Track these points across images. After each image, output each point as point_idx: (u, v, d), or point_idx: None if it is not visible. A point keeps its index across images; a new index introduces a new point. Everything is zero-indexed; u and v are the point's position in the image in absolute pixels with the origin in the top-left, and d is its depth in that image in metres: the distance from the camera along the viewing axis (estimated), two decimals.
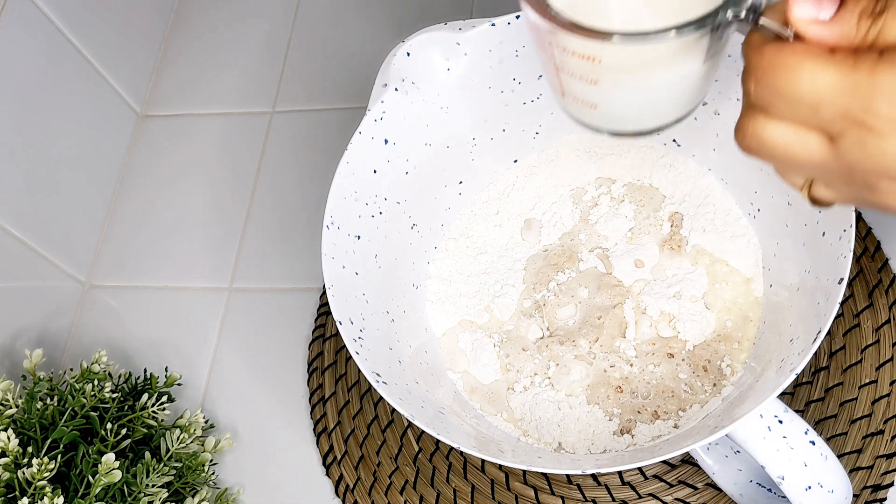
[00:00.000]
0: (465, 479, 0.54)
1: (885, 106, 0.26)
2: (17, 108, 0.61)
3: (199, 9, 0.78)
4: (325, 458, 0.57)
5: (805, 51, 0.28)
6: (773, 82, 0.29)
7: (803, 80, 0.28)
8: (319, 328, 0.61)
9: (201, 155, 0.71)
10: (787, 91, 0.28)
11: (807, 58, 0.28)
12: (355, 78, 0.70)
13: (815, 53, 0.28)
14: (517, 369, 0.50)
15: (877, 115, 0.27)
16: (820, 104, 0.28)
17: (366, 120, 0.48)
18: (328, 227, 0.47)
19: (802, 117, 0.29)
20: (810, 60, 0.28)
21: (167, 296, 0.66)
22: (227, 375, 0.62)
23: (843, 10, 0.28)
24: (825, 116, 0.28)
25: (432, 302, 0.53)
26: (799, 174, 0.32)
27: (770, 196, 0.49)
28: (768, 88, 0.29)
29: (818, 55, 0.28)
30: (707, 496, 0.51)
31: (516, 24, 0.48)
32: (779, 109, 0.29)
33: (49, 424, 0.51)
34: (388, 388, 0.42)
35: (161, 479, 0.51)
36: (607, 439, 0.47)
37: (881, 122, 0.27)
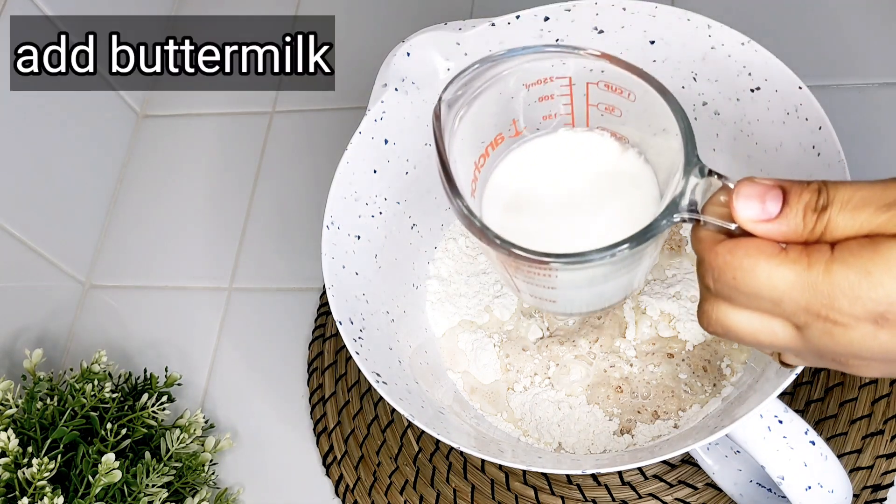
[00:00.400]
0: (465, 479, 0.54)
1: (846, 303, 0.27)
2: (16, 107, 0.61)
3: (198, 8, 0.78)
4: (325, 458, 0.57)
5: (758, 250, 0.28)
6: (730, 281, 0.29)
7: (760, 279, 0.28)
8: (319, 328, 0.61)
9: (201, 155, 0.71)
10: (746, 290, 0.29)
11: (761, 258, 0.28)
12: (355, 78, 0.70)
13: (769, 253, 0.28)
14: (517, 369, 0.50)
15: (840, 312, 0.27)
16: (781, 300, 0.28)
17: (366, 120, 0.48)
18: (328, 227, 0.46)
19: (765, 309, 0.29)
20: (765, 261, 0.28)
21: (167, 296, 0.66)
22: (227, 375, 0.62)
23: (787, 206, 0.28)
24: (788, 310, 0.28)
25: (432, 302, 0.53)
26: (767, 350, 0.33)
27: None
28: (727, 286, 0.29)
29: (772, 255, 0.28)
30: (707, 496, 0.51)
31: (516, 23, 0.48)
32: (740, 302, 0.29)
33: (49, 424, 0.51)
34: (388, 388, 0.42)
35: (161, 479, 0.51)
36: (607, 439, 0.47)
37: (845, 318, 0.27)
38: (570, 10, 0.47)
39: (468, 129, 0.39)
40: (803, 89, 0.44)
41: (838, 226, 0.27)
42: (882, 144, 0.58)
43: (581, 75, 0.40)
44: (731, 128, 0.49)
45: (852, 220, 0.27)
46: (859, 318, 0.27)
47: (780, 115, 0.45)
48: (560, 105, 0.41)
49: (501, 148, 0.42)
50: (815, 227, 0.28)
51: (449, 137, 0.37)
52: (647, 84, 0.35)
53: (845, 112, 0.58)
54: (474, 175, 0.41)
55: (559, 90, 0.40)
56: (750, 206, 0.29)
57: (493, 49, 0.49)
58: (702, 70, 0.47)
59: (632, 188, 0.40)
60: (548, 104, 0.41)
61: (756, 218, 0.29)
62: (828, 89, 0.60)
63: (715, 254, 0.29)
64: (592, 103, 0.40)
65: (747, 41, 0.45)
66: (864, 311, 0.27)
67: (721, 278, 0.29)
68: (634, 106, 0.37)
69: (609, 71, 0.37)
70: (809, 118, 0.44)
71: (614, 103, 0.40)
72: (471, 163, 0.41)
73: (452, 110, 0.37)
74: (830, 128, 0.43)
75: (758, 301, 0.29)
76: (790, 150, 0.46)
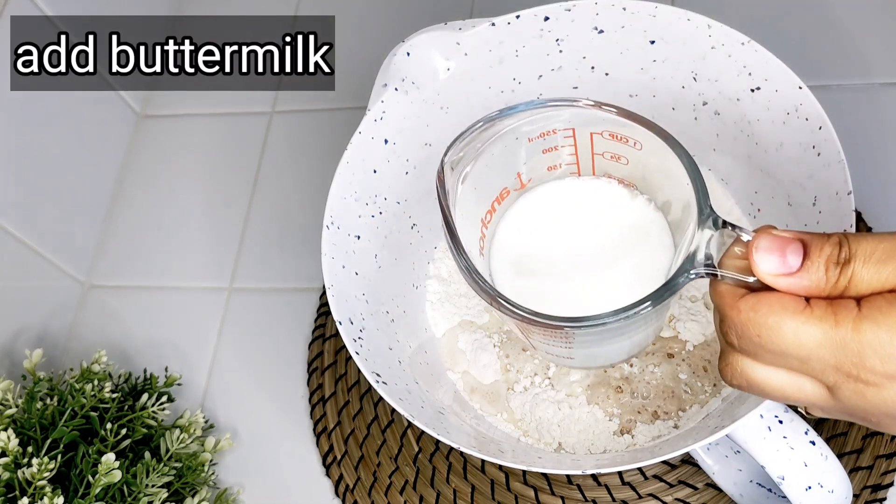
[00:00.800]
0: (465, 480, 0.54)
1: (877, 362, 0.26)
2: (16, 107, 0.61)
3: (198, 7, 0.78)
4: (325, 458, 0.57)
5: (782, 307, 0.27)
6: (755, 339, 0.28)
7: (787, 338, 0.27)
8: (319, 328, 0.61)
9: (201, 155, 0.71)
10: (773, 348, 0.28)
11: (786, 315, 0.27)
12: (355, 78, 0.70)
13: (794, 309, 0.27)
14: (517, 369, 0.50)
15: (871, 371, 0.26)
16: (809, 359, 0.27)
17: (366, 120, 0.48)
18: (328, 227, 0.46)
19: (793, 367, 0.28)
20: (790, 318, 0.27)
21: (167, 296, 0.66)
22: (227, 375, 0.62)
23: (809, 260, 0.27)
24: (816, 368, 0.27)
25: (432, 302, 0.53)
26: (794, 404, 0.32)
27: (770, 196, 0.49)
28: (752, 343, 0.28)
29: (797, 311, 0.27)
30: (707, 496, 0.51)
31: (516, 23, 0.48)
32: (766, 359, 0.29)
33: (49, 424, 0.51)
34: (387, 389, 0.42)
35: (161, 479, 0.51)
36: (607, 439, 0.47)
37: (877, 377, 0.26)
38: (570, 10, 0.47)
39: (472, 188, 0.38)
40: (803, 89, 0.44)
41: (862, 280, 0.27)
42: (882, 144, 0.58)
43: (584, 126, 0.39)
44: (731, 128, 0.49)
45: (877, 274, 0.26)
46: (892, 378, 0.26)
47: (780, 115, 0.45)
48: (565, 155, 0.41)
49: (508, 201, 0.42)
50: (839, 281, 0.27)
51: (453, 199, 0.37)
52: (653, 133, 0.35)
53: (845, 112, 0.58)
54: (482, 232, 0.41)
55: (563, 141, 0.40)
56: (769, 260, 0.28)
57: (492, 49, 0.49)
58: (702, 70, 0.47)
59: (644, 240, 0.39)
60: (552, 155, 0.41)
61: (776, 272, 0.28)
62: (828, 89, 0.60)
63: (737, 310, 0.28)
64: (597, 152, 0.40)
65: (747, 41, 0.45)
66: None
67: (745, 335, 0.28)
68: (641, 154, 0.37)
69: (612, 120, 0.36)
70: (809, 118, 0.44)
71: (620, 152, 0.39)
72: (477, 220, 0.41)
73: (455, 171, 0.37)
74: (830, 128, 0.43)
75: (784, 359, 0.28)
76: (790, 150, 0.46)
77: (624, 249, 0.39)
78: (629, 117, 0.35)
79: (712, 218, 0.31)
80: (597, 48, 0.48)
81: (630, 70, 0.49)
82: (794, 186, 0.46)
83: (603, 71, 0.49)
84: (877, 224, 0.55)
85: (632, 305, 0.32)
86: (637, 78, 0.50)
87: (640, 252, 0.39)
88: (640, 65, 0.49)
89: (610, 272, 0.39)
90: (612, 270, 0.39)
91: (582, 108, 0.36)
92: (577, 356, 0.40)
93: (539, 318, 0.33)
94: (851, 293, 0.27)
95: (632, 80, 0.50)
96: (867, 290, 0.27)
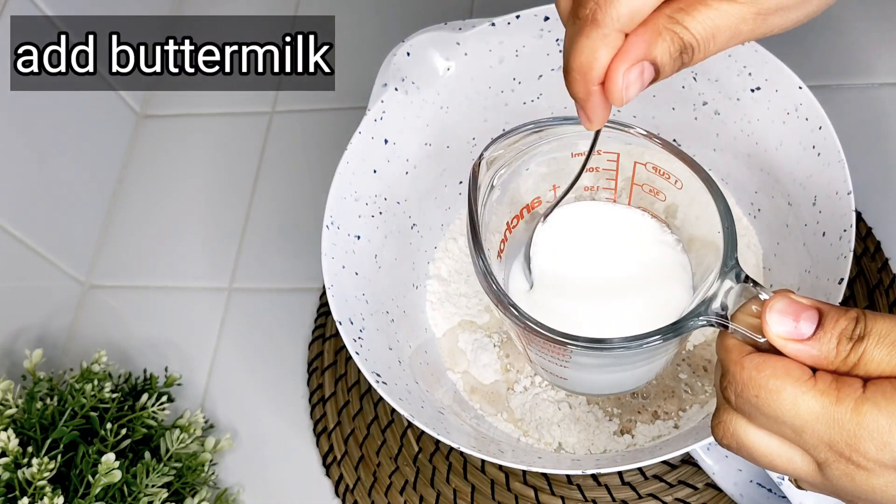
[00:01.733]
0: (465, 480, 0.54)
1: (872, 448, 0.25)
2: (16, 107, 0.61)
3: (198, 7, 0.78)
4: (325, 459, 0.57)
5: (786, 373, 0.27)
6: (752, 399, 0.27)
7: (785, 404, 0.27)
8: (319, 328, 0.61)
9: (201, 155, 0.71)
10: (768, 412, 0.27)
11: (788, 382, 0.27)
12: (355, 78, 0.70)
13: (797, 378, 0.27)
14: (517, 370, 0.50)
15: (864, 455, 0.26)
16: (803, 431, 0.27)
17: (366, 120, 0.48)
18: (328, 227, 0.47)
19: (786, 435, 0.28)
20: (792, 385, 0.27)
21: (167, 296, 0.66)
22: (227, 375, 0.62)
23: (822, 330, 0.27)
24: (809, 442, 0.27)
25: (432, 302, 0.53)
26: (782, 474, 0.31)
27: (770, 196, 0.49)
28: (748, 404, 0.28)
29: (799, 380, 0.27)
30: (707, 496, 0.51)
31: (516, 23, 0.48)
32: (760, 422, 0.28)
33: (49, 424, 0.51)
34: (387, 389, 0.42)
35: (161, 479, 0.51)
36: (607, 439, 0.47)
37: (869, 463, 0.26)
38: None
39: (505, 190, 0.38)
40: (803, 89, 0.44)
41: (873, 360, 0.26)
42: (882, 144, 0.58)
43: (630, 154, 0.38)
44: (731, 127, 0.49)
45: (889, 356, 0.26)
46: (885, 465, 0.26)
47: (780, 115, 0.45)
48: (604, 179, 0.40)
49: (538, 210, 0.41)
50: (849, 357, 0.26)
51: (483, 196, 0.36)
52: (696, 175, 0.34)
53: (845, 112, 0.58)
54: (505, 236, 0.41)
55: (605, 164, 0.39)
56: (783, 323, 0.27)
57: (492, 49, 0.49)
58: (702, 70, 0.47)
59: (665, 278, 0.39)
60: (592, 176, 0.40)
61: (787, 336, 0.27)
62: (828, 89, 0.60)
63: (741, 367, 0.28)
64: (637, 182, 0.40)
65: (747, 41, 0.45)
66: (892, 458, 0.25)
67: (743, 394, 0.28)
68: (681, 193, 0.36)
69: (659, 154, 0.36)
70: (809, 118, 0.44)
71: (660, 187, 0.39)
72: (503, 223, 0.40)
73: (492, 169, 0.36)
74: (830, 128, 0.43)
75: (779, 426, 0.27)
76: (790, 150, 0.46)
77: (643, 283, 0.39)
78: (676, 154, 0.35)
79: (735, 271, 0.31)
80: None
81: None
82: (794, 186, 0.46)
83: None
84: (877, 224, 0.55)
85: (635, 337, 0.32)
86: None
87: (658, 289, 0.39)
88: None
89: (624, 303, 0.39)
90: (627, 301, 0.39)
91: (633, 135, 0.35)
92: (571, 378, 0.40)
93: (541, 329, 0.33)
94: (860, 372, 0.26)
95: None
96: (876, 372, 0.26)
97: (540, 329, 0.33)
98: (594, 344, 0.32)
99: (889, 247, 0.55)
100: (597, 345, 0.32)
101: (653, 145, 0.36)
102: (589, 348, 0.33)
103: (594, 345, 0.32)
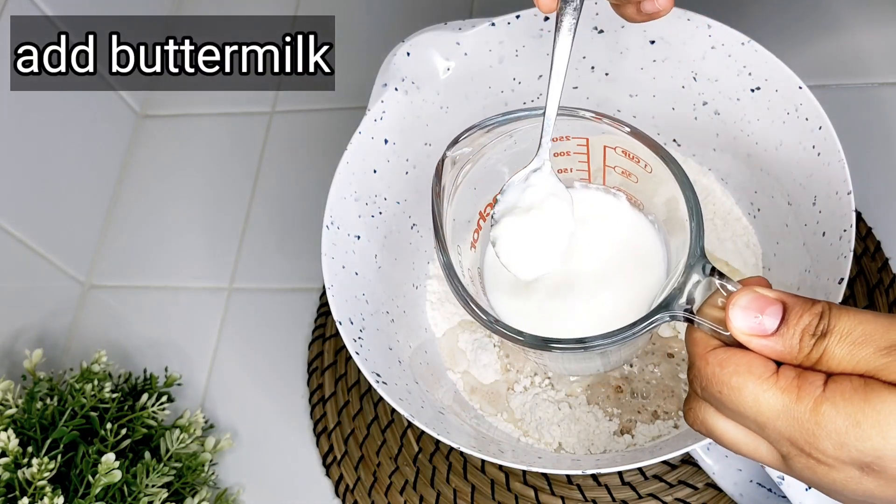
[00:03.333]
0: (465, 480, 0.54)
1: (829, 446, 0.26)
2: (17, 107, 0.61)
3: (198, 8, 0.78)
4: (325, 459, 0.57)
5: (748, 370, 0.27)
6: (716, 395, 0.28)
7: (746, 401, 0.27)
8: (319, 328, 0.61)
9: (201, 155, 0.71)
10: (731, 407, 0.28)
11: (750, 379, 0.27)
12: (355, 78, 0.70)
13: (759, 375, 0.27)
14: (517, 370, 0.50)
15: (823, 453, 0.26)
16: (765, 426, 0.27)
17: (366, 120, 0.48)
18: (328, 227, 0.46)
19: (750, 427, 0.28)
20: (754, 383, 0.27)
21: (167, 296, 0.66)
22: (227, 375, 0.62)
23: (785, 325, 0.27)
24: (771, 436, 0.27)
25: (432, 302, 0.53)
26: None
27: (770, 196, 0.49)
28: (713, 398, 0.28)
29: (761, 378, 0.27)
30: (707, 496, 0.51)
31: (516, 23, 0.48)
32: (727, 413, 0.29)
33: (49, 424, 0.51)
34: (387, 389, 0.42)
35: (161, 479, 0.51)
36: (607, 439, 0.47)
37: (829, 459, 0.26)
38: None
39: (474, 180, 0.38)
40: (803, 89, 0.44)
41: (834, 357, 0.26)
42: (882, 144, 0.58)
43: (598, 138, 0.39)
44: (731, 127, 0.49)
45: (849, 355, 0.26)
46: (844, 462, 0.26)
47: (780, 114, 0.45)
48: (576, 162, 0.40)
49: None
50: (812, 353, 0.27)
51: (450, 191, 0.36)
52: (662, 162, 0.34)
53: (845, 112, 0.58)
54: (478, 225, 0.41)
55: (576, 148, 0.40)
56: (745, 318, 0.27)
57: (492, 49, 0.49)
58: (702, 70, 0.47)
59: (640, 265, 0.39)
60: (564, 160, 0.40)
61: (750, 332, 0.27)
62: (828, 89, 0.60)
63: (705, 362, 0.28)
64: (609, 165, 0.40)
65: (747, 41, 0.45)
66: (850, 458, 0.26)
67: (708, 388, 0.28)
68: (651, 177, 0.36)
69: (624, 139, 0.36)
70: (809, 118, 0.44)
71: (631, 170, 0.39)
72: (474, 213, 0.40)
73: (457, 166, 0.37)
74: (830, 128, 0.43)
75: (742, 419, 0.28)
76: (790, 150, 0.46)
77: (617, 273, 0.39)
78: (639, 139, 0.35)
79: (703, 263, 0.31)
80: (597, 48, 0.48)
81: (630, 70, 0.49)
82: (794, 186, 0.46)
83: (603, 71, 0.49)
84: (877, 224, 0.55)
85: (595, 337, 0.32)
86: (637, 78, 0.50)
87: (633, 278, 0.39)
88: (640, 65, 0.49)
89: (600, 295, 0.39)
90: (603, 294, 0.39)
91: (589, 120, 0.36)
92: (551, 366, 0.41)
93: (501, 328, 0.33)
94: (823, 367, 0.27)
95: (632, 79, 0.50)
96: (838, 369, 0.26)
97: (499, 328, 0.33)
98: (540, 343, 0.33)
99: (889, 247, 0.55)
100: (543, 343, 0.33)
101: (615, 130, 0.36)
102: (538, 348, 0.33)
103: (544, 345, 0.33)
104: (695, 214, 0.33)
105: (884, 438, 0.25)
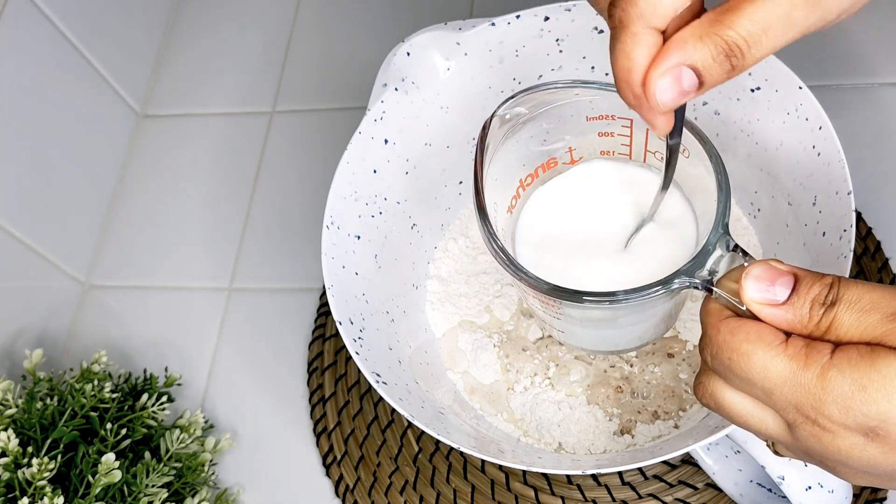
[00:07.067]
0: (465, 480, 0.54)
1: (835, 411, 0.26)
2: (17, 107, 0.61)
3: (198, 8, 0.78)
4: (325, 459, 0.57)
5: (758, 337, 0.28)
6: (726, 361, 0.29)
7: (755, 367, 0.28)
8: (319, 328, 0.61)
9: (201, 155, 0.71)
10: (740, 374, 0.28)
11: (760, 346, 0.28)
12: (355, 78, 0.70)
13: (768, 342, 0.28)
14: (517, 369, 0.50)
15: (828, 419, 0.27)
16: (772, 393, 0.28)
17: (366, 120, 0.48)
18: (328, 227, 0.46)
19: (758, 397, 0.29)
20: (763, 350, 0.28)
21: (167, 296, 0.66)
22: (227, 375, 0.62)
23: (796, 295, 0.28)
24: (778, 404, 0.28)
25: (432, 302, 0.53)
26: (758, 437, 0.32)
27: (770, 196, 0.49)
28: (722, 365, 0.29)
29: (770, 345, 0.28)
30: (707, 496, 0.51)
31: (516, 23, 0.48)
32: (734, 383, 0.29)
33: (49, 424, 0.51)
34: (387, 389, 0.42)
35: (161, 479, 0.51)
36: (607, 439, 0.47)
37: (833, 426, 0.27)
38: (570, 9, 0.47)
39: (519, 147, 0.38)
40: (803, 89, 0.44)
41: (843, 324, 0.27)
42: (882, 144, 0.58)
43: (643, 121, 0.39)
44: (731, 127, 0.49)
45: (857, 322, 0.27)
46: (849, 428, 0.26)
47: (780, 115, 0.45)
48: (619, 144, 0.41)
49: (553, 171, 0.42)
50: (821, 322, 0.27)
51: (493, 150, 0.37)
52: (700, 145, 0.35)
53: (845, 112, 0.58)
54: (517, 192, 0.41)
55: (619, 129, 0.40)
56: (758, 288, 0.28)
57: (492, 49, 0.49)
58: None
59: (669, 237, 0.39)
60: (607, 140, 0.41)
61: (761, 300, 0.28)
62: (828, 89, 0.60)
63: (717, 330, 0.29)
64: (650, 150, 0.40)
65: None
66: (855, 422, 0.26)
67: (718, 356, 0.29)
68: (689, 162, 0.37)
69: None
70: (809, 118, 0.44)
71: None
72: (515, 180, 0.41)
73: (505, 126, 0.37)
74: (830, 128, 0.43)
75: (750, 387, 0.28)
76: (790, 150, 0.46)
77: (648, 241, 0.40)
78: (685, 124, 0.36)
79: (726, 239, 0.32)
80: (597, 48, 0.48)
81: None
82: (794, 186, 0.46)
83: (603, 71, 0.49)
84: (877, 224, 0.55)
85: (622, 291, 0.33)
86: None
87: (662, 248, 0.39)
88: None
89: (628, 260, 0.39)
90: (633, 263, 0.39)
91: None
92: (566, 332, 0.41)
93: (526, 276, 0.34)
94: (832, 336, 0.27)
95: None
96: (846, 337, 0.27)
97: (525, 276, 0.34)
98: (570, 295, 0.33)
99: (889, 247, 0.55)
100: (573, 296, 0.33)
101: None
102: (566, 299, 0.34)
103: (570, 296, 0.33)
104: (724, 189, 0.34)
105: (889, 402, 0.25)
